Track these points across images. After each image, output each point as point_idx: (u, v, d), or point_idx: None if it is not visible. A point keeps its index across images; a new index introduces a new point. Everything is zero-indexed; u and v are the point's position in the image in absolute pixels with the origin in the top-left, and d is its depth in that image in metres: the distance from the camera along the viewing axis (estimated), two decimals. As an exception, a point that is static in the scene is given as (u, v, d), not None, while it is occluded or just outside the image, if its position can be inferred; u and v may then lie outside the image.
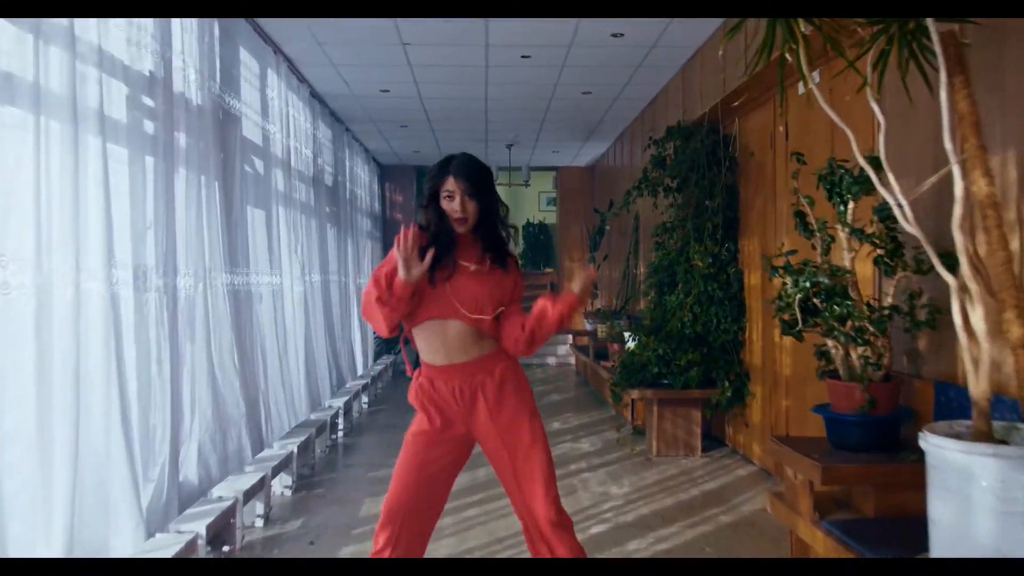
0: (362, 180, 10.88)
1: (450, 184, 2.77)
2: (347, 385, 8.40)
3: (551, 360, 12.72)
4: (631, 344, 6.79)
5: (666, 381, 6.16)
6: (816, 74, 4.66)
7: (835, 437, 3.14)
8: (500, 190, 2.97)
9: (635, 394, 6.19)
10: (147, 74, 3.99)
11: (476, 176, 2.79)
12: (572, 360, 12.27)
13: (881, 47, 2.47)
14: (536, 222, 16.23)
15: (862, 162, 2.38)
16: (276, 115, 6.33)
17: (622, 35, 6.14)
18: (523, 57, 6.76)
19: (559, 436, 7.03)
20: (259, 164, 5.88)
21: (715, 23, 5.93)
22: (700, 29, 6.04)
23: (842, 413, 3.07)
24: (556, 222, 14.47)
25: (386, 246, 12.34)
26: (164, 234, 4.10)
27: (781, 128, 4.54)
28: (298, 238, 6.83)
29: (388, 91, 7.89)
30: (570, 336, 12.46)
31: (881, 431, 3.03)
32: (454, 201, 2.75)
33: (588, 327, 10.85)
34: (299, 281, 6.81)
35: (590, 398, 9.28)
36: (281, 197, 6.35)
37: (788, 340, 5.09)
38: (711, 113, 6.10)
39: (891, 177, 2.39)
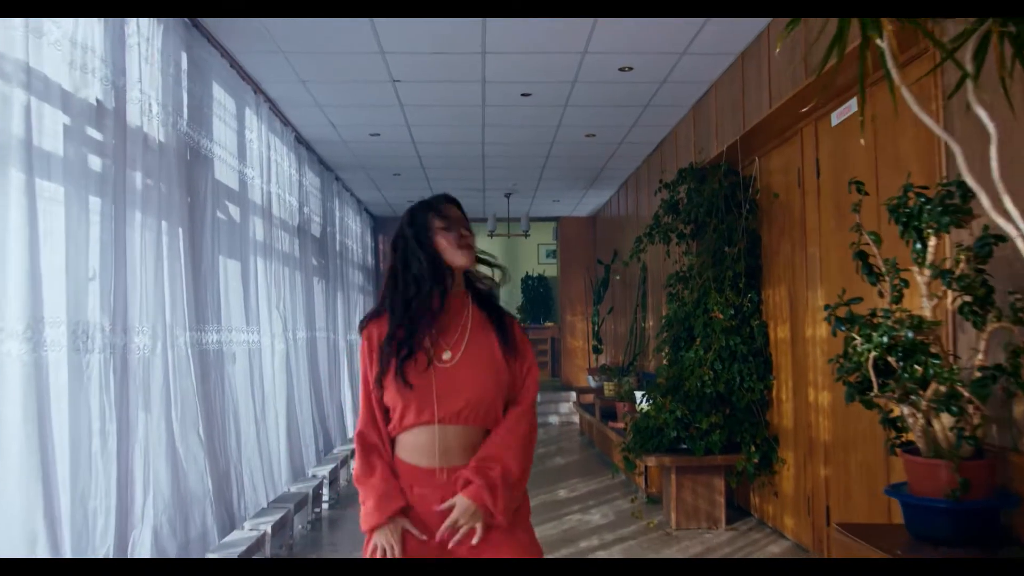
0: (353, 232, 10.37)
1: (448, 210, 2.30)
2: (335, 450, 7.76)
3: (553, 419, 12.08)
4: (644, 405, 6.20)
5: (685, 446, 5.56)
6: (853, 103, 4.17)
7: (917, 527, 2.54)
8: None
9: (651, 461, 5.58)
10: (94, 103, 3.48)
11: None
12: (576, 419, 11.64)
13: (984, 33, 1.94)
14: (535, 275, 15.73)
15: (971, 183, 1.83)
16: (255, 158, 5.83)
17: (631, 69, 5.67)
18: (523, 95, 6.29)
19: (566, 506, 6.40)
20: (234, 211, 5.35)
21: (731, 56, 5.46)
22: (716, 62, 5.57)
23: (926, 497, 2.48)
24: (557, 275, 13.95)
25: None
26: (112, 286, 3.54)
27: (862, 142, 4.01)
28: (280, 292, 6.28)
29: (379, 135, 7.42)
30: (573, 393, 11.85)
31: (977, 521, 2.44)
32: (451, 231, 2.27)
33: (593, 384, 10.26)
34: (281, 338, 6.24)
35: (597, 461, 8.64)
36: (260, 247, 5.82)
37: (826, 400, 4.51)
38: (729, 152, 5.60)
39: (1008, 201, 1.85)
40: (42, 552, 2.88)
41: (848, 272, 4.26)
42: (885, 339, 2.31)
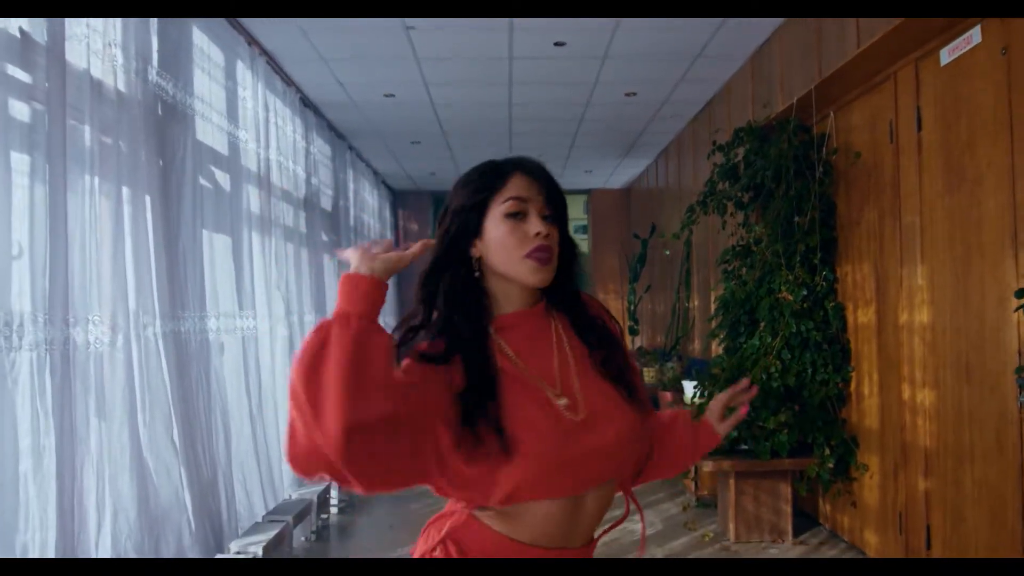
0: (370, 206, 9.63)
1: (518, 187, 1.43)
2: (349, 445, 7.06)
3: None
4: (693, 395, 5.44)
5: (746, 447, 4.78)
6: (975, 32, 3.33)
7: None
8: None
9: (708, 465, 4.81)
10: (16, 34, 2.74)
11: (555, 185, 1.48)
12: (610, 405, 10.87)
13: None
14: (565, 251, 14.93)
15: None
16: (250, 120, 5.09)
17: (682, 8, 4.83)
18: (556, 44, 5.47)
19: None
20: (223, 178, 4.62)
21: (801, -10, 4.62)
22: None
23: None
24: (588, 251, 13.14)
25: (399, 280, 10.83)
26: (47, 265, 2.82)
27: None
28: (282, 271, 5.55)
29: (393, 96, 6.64)
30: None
31: None
32: (528, 221, 1.42)
33: (630, 369, 9.48)
34: (283, 323, 5.52)
35: (636, 455, 7.84)
36: (256, 220, 5.09)
37: (928, 399, 3.72)
38: (799, 106, 4.76)
39: None
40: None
41: (963, 243, 3.45)
42: None
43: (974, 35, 3.28)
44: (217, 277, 4.42)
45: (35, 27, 2.82)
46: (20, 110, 2.75)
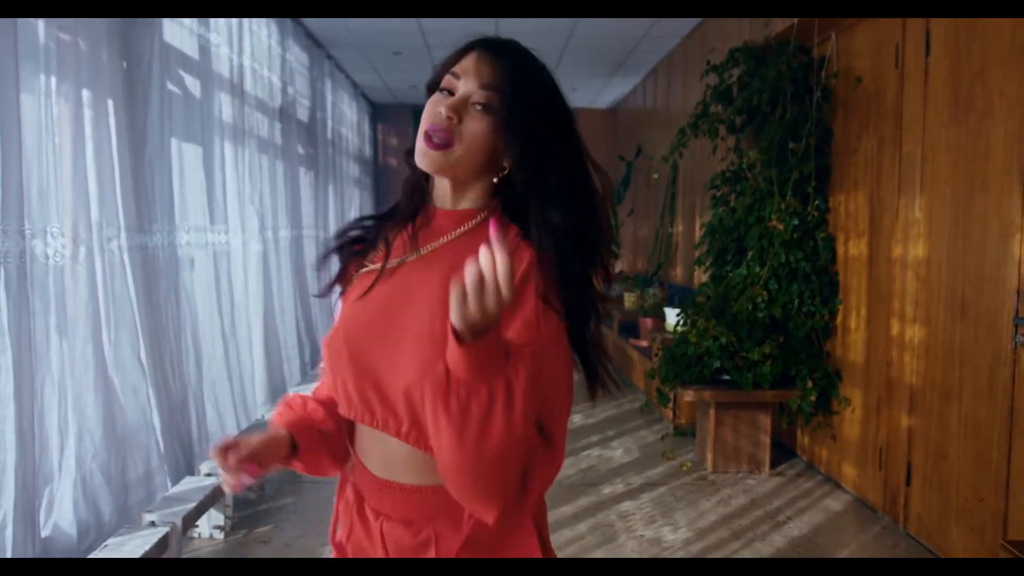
0: (349, 119, 9.32)
1: (462, 65, 1.26)
2: (323, 364, 6.96)
3: (564, 328, 11.28)
4: (676, 324, 5.36)
5: (728, 377, 4.72)
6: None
7: None
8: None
9: (689, 395, 4.75)
10: (-41, -87, 2.49)
11: (511, 59, 1.26)
12: (588, 329, 10.82)
13: None
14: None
15: None
16: (222, 23, 4.79)
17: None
18: (547, -48, 5.19)
19: (582, 437, 5.60)
20: (193, 83, 4.36)
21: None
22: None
23: None
24: (571, 172, 12.89)
25: (377, 196, 10.87)
26: (0, 172, 2.63)
27: None
28: (256, 184, 5.33)
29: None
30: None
31: None
32: (432, 108, 1.24)
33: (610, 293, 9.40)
34: (257, 238, 5.33)
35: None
36: (228, 130, 4.85)
37: (917, 336, 3.64)
38: (800, 27, 4.55)
39: None
40: None
41: (966, 176, 3.32)
42: None
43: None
44: (187, 189, 4.22)
45: (-20, -93, 2.56)
46: (-35, 0, 2.51)
